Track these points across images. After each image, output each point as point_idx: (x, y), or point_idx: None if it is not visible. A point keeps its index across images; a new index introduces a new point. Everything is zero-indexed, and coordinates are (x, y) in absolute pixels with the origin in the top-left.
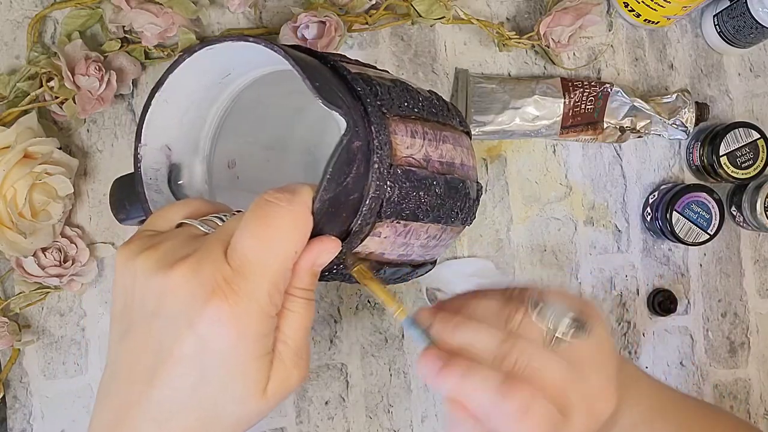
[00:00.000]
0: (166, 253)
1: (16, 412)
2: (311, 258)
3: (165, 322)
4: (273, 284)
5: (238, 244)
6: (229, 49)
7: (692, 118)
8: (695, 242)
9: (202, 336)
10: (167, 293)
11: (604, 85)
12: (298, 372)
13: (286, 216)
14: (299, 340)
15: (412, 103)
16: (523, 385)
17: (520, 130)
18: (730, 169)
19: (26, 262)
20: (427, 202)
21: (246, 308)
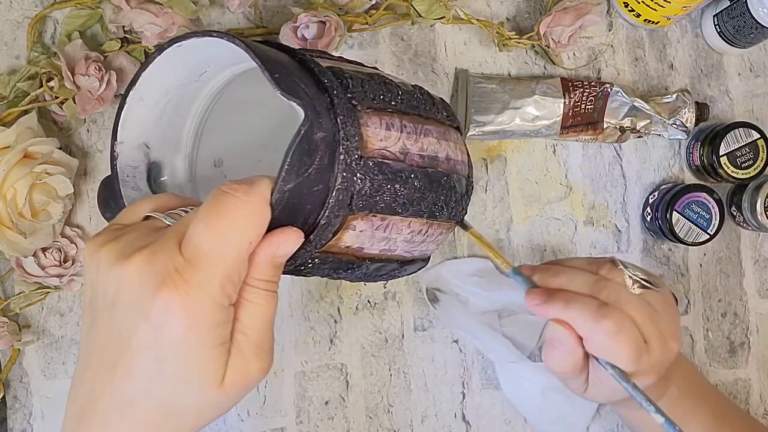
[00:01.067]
0: (126, 245)
1: (16, 412)
2: (271, 249)
3: (123, 312)
4: (225, 275)
5: (192, 235)
6: (198, 45)
7: (692, 118)
8: (695, 242)
9: (155, 325)
10: (123, 284)
11: (604, 85)
12: (259, 363)
13: (241, 207)
14: (260, 331)
15: (389, 96)
16: (616, 311)
17: (520, 130)
18: (730, 169)
19: (26, 262)
20: (404, 195)
21: (197, 298)
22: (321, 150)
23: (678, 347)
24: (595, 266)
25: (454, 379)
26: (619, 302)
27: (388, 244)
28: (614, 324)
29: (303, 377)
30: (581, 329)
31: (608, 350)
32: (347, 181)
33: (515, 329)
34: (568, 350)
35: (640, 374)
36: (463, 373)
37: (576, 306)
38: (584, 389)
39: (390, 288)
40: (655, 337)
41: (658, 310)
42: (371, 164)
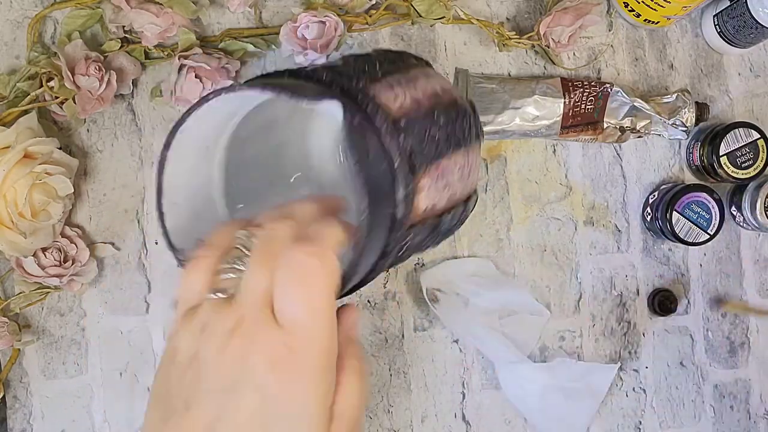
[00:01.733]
0: (218, 332)
1: (16, 412)
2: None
3: (230, 388)
4: (326, 349)
5: (283, 310)
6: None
7: (692, 118)
8: (695, 242)
9: (266, 395)
10: (230, 368)
11: (604, 85)
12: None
13: (321, 274)
14: (356, 416)
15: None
16: None
17: (520, 130)
18: (730, 169)
19: (26, 262)
20: (439, 135)
21: (311, 369)
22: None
23: None
24: None
25: (454, 379)
26: None
27: (450, 191)
28: None
29: None
30: None
31: None
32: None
33: (515, 329)
34: None
35: None
36: (463, 373)
37: None
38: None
39: (390, 288)
40: None
41: None
42: (403, 123)
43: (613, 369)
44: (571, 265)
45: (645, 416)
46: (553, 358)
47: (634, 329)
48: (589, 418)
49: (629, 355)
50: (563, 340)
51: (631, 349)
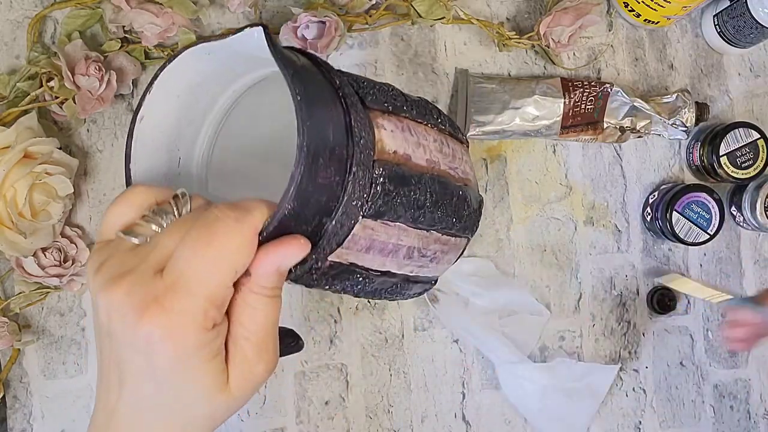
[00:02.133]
0: (107, 274)
1: (16, 412)
2: (276, 260)
3: (115, 341)
4: (209, 301)
5: (177, 259)
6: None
7: (692, 118)
8: (695, 242)
9: (143, 354)
10: (110, 314)
11: (604, 85)
12: (263, 365)
13: (232, 235)
14: (263, 335)
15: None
16: None
17: (520, 130)
18: (730, 169)
19: (26, 262)
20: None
21: (179, 325)
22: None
23: None
24: None
25: (454, 379)
26: None
27: (426, 154)
28: None
29: (303, 377)
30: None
31: None
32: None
33: (515, 329)
34: None
35: None
36: (463, 373)
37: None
38: None
39: None
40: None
41: None
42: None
43: (613, 370)
44: (571, 265)
45: (645, 416)
46: (553, 358)
47: (634, 329)
48: (589, 418)
49: (629, 355)
50: (563, 340)
51: (631, 349)
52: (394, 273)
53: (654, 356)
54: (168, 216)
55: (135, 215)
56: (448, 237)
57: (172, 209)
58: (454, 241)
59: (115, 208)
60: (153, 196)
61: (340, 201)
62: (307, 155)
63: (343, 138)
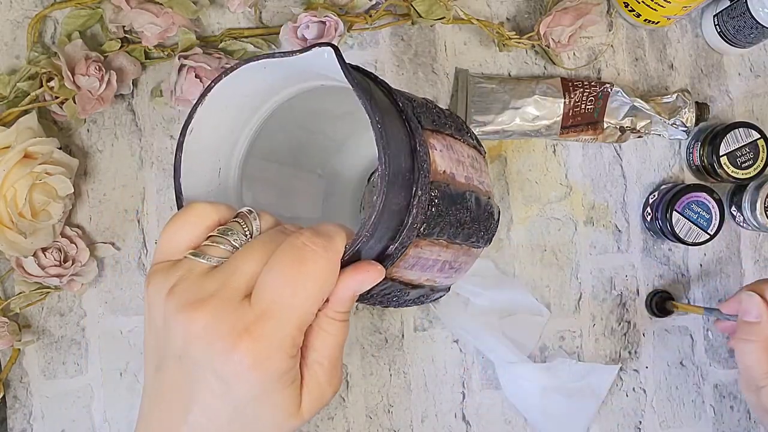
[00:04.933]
0: (184, 297)
1: (16, 412)
2: (354, 285)
3: (192, 365)
4: (297, 328)
5: (265, 287)
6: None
7: (692, 117)
8: (695, 242)
9: (227, 381)
10: (191, 339)
11: (604, 85)
12: (332, 388)
13: (321, 263)
14: (334, 358)
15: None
16: None
17: (520, 130)
18: (730, 169)
19: (26, 262)
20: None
21: (269, 354)
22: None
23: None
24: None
25: (454, 379)
26: None
27: (464, 170)
28: None
29: None
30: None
31: None
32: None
33: (515, 329)
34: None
35: None
36: (463, 373)
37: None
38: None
39: None
40: None
41: None
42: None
43: (613, 370)
44: (571, 265)
45: (645, 416)
46: (553, 358)
47: (634, 329)
48: (589, 418)
49: (629, 355)
50: (563, 340)
51: (631, 349)
52: (424, 285)
53: (654, 356)
54: (238, 235)
55: (200, 234)
56: (474, 249)
57: (241, 228)
58: (476, 252)
59: (177, 227)
60: (216, 214)
61: (405, 224)
62: (389, 183)
63: (411, 163)
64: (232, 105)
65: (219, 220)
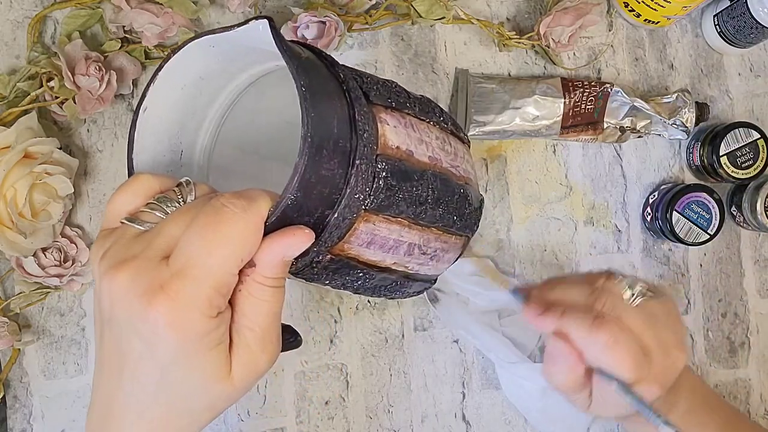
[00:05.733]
0: (111, 260)
1: (16, 412)
2: (281, 250)
3: (118, 327)
4: (214, 289)
5: (183, 246)
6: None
7: (692, 118)
8: (695, 242)
9: (147, 341)
10: (114, 299)
11: (605, 85)
12: (266, 356)
13: (239, 223)
14: (267, 325)
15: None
16: (612, 322)
17: (520, 130)
18: (730, 169)
19: (26, 262)
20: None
21: (184, 312)
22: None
23: (684, 358)
24: (592, 279)
25: (454, 379)
26: (615, 312)
27: (429, 150)
28: (609, 335)
29: (303, 377)
30: (578, 341)
31: (606, 362)
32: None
33: (515, 329)
34: (568, 365)
35: (642, 385)
36: (463, 373)
37: (571, 317)
38: (588, 405)
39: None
40: (656, 347)
41: (659, 319)
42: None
43: None
44: (571, 265)
45: None
46: None
47: None
48: (589, 418)
49: None
50: None
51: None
52: (394, 270)
53: None
54: (173, 203)
55: (139, 203)
56: (449, 235)
57: (176, 197)
58: (454, 240)
59: (119, 196)
60: (157, 185)
61: (343, 194)
62: (311, 145)
63: (347, 131)
64: (189, 85)
65: (161, 190)
